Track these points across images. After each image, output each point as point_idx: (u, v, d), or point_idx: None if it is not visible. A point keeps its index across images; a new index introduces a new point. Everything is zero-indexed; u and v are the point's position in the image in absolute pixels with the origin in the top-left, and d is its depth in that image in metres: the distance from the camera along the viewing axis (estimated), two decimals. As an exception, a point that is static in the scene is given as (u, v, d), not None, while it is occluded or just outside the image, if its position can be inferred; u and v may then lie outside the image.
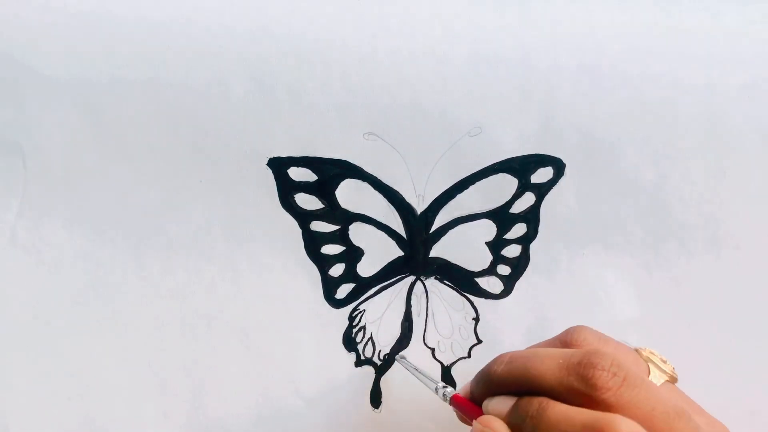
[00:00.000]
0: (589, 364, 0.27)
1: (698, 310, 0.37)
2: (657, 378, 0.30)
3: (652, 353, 0.31)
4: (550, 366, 0.28)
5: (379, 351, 0.37)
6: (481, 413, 0.30)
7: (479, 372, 0.31)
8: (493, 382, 0.30)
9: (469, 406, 0.31)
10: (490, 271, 0.37)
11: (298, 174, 0.35)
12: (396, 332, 0.37)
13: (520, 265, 0.37)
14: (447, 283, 0.37)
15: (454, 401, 0.32)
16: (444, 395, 0.33)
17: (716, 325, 0.37)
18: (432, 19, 0.35)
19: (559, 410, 0.27)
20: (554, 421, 0.27)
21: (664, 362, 0.31)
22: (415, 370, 0.36)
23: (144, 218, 0.35)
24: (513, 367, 0.30)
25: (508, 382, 0.29)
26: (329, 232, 0.36)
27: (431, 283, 0.37)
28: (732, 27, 0.37)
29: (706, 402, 0.30)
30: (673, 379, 0.31)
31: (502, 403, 0.29)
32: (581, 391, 0.27)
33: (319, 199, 0.36)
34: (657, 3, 0.36)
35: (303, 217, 0.36)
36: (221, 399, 0.36)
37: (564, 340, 0.31)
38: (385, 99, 0.35)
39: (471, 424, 0.31)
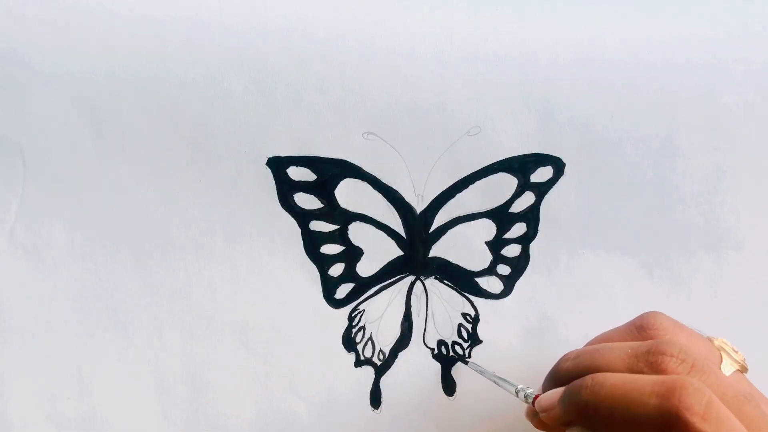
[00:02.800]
0: (657, 351, 0.27)
1: (698, 310, 0.37)
2: (728, 366, 0.30)
3: (725, 342, 0.31)
4: (619, 355, 0.28)
5: (379, 351, 0.37)
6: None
7: (549, 372, 0.31)
8: (562, 379, 0.30)
9: None
10: (490, 270, 0.37)
11: (297, 173, 0.35)
12: (396, 332, 0.37)
13: (520, 264, 0.37)
14: (447, 282, 0.37)
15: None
16: (526, 396, 0.32)
17: (716, 325, 0.37)
18: (431, 19, 0.35)
19: (620, 377, 0.27)
20: (618, 387, 0.26)
21: (736, 352, 0.31)
22: (492, 374, 0.35)
23: (144, 218, 0.35)
24: (580, 360, 0.30)
25: (576, 377, 0.29)
26: (328, 232, 0.36)
27: (431, 282, 0.37)
28: (732, 26, 0.37)
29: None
30: (743, 369, 0.31)
31: (555, 393, 0.29)
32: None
33: (319, 199, 0.36)
34: (656, 2, 0.36)
35: (302, 217, 0.36)
36: (221, 399, 0.36)
37: (638, 325, 0.31)
38: (384, 98, 0.35)
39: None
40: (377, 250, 0.37)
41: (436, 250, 0.37)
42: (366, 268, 0.37)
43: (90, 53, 0.34)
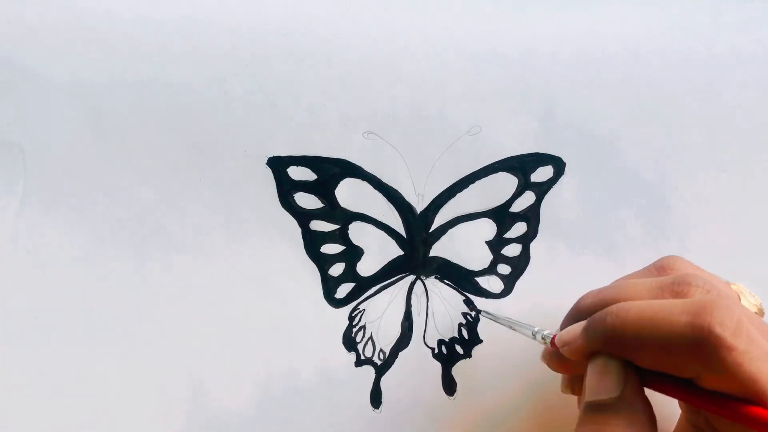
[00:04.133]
0: (683, 282, 0.27)
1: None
2: (748, 306, 0.30)
3: (742, 287, 0.31)
4: (643, 289, 0.28)
5: (380, 350, 0.37)
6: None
7: (567, 312, 0.31)
8: (582, 315, 0.29)
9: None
10: (491, 270, 0.37)
11: (297, 173, 0.35)
12: (396, 332, 0.37)
13: (520, 264, 0.37)
14: (447, 282, 0.37)
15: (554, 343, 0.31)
16: (543, 338, 0.31)
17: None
18: (431, 19, 0.35)
19: (646, 303, 0.26)
20: (646, 309, 0.25)
21: (753, 296, 0.31)
22: (506, 319, 0.35)
23: (144, 218, 0.35)
24: (601, 297, 0.29)
25: (597, 310, 0.28)
26: (329, 232, 0.36)
27: (431, 282, 0.37)
28: (732, 26, 0.37)
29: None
30: (761, 312, 0.31)
31: (577, 326, 0.28)
32: None
33: (319, 199, 0.36)
34: (657, 2, 0.36)
35: (303, 217, 0.36)
36: (221, 398, 0.36)
37: (659, 266, 0.30)
38: (384, 98, 0.35)
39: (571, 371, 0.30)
40: (378, 250, 0.37)
41: (437, 250, 0.37)
42: (366, 267, 0.37)
43: (90, 54, 0.34)
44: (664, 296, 0.27)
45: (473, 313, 0.37)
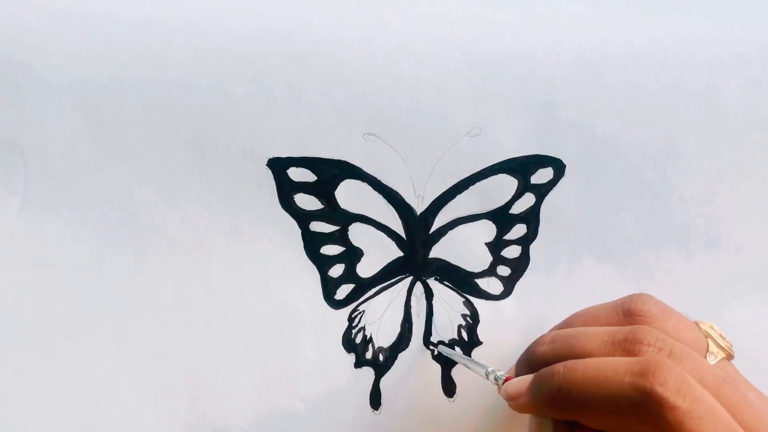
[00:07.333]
0: (634, 340, 0.27)
1: (698, 312, 0.37)
2: (715, 353, 0.29)
3: (712, 327, 0.31)
4: (595, 342, 0.27)
5: (379, 352, 0.37)
6: None
7: (522, 354, 0.31)
8: (537, 363, 0.29)
9: None
10: (490, 271, 0.37)
11: (297, 174, 0.35)
12: (396, 333, 0.37)
13: (520, 265, 0.37)
14: (447, 284, 0.37)
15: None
16: (496, 379, 0.31)
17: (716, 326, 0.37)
18: (432, 19, 0.35)
19: (593, 360, 0.26)
20: (592, 369, 0.25)
21: (723, 338, 0.30)
22: (461, 355, 0.35)
23: (144, 218, 0.35)
24: (556, 345, 0.29)
25: (551, 362, 0.28)
26: (329, 233, 0.36)
27: (431, 283, 0.37)
28: (732, 27, 0.37)
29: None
30: (729, 356, 0.30)
31: (523, 380, 0.29)
32: None
33: (319, 200, 0.36)
34: (657, 3, 0.36)
35: (302, 218, 0.36)
36: (221, 400, 0.36)
37: (626, 309, 0.30)
38: (384, 99, 0.35)
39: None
40: (377, 251, 0.37)
41: (436, 251, 0.37)
42: (366, 268, 0.37)
43: (90, 54, 0.34)
44: (615, 354, 0.27)
45: (472, 315, 0.37)
